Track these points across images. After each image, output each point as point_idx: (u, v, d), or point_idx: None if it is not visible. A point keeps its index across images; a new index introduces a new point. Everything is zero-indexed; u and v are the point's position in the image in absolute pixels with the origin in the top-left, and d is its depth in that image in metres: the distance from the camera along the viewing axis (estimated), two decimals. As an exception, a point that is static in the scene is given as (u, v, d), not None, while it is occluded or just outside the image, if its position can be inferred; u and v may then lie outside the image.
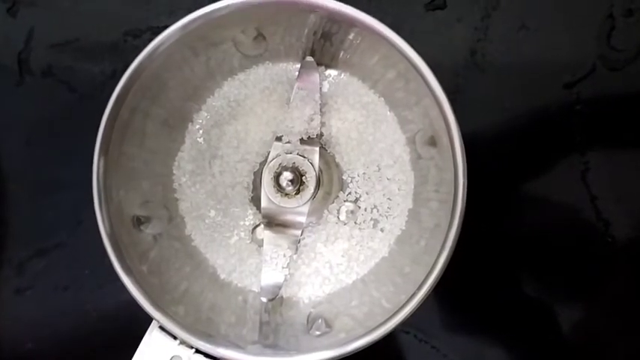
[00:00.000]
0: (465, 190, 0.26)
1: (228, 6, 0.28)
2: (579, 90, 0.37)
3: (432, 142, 0.30)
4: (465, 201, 0.26)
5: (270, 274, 0.32)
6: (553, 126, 0.37)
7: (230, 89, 0.34)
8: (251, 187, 0.34)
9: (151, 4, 0.39)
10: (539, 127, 0.37)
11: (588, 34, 0.37)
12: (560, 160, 0.38)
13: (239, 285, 0.34)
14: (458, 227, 0.26)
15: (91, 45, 0.39)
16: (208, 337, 0.28)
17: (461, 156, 0.26)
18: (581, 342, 0.37)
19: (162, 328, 0.28)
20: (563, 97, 0.37)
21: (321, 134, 0.33)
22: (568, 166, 0.37)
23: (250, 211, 0.34)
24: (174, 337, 0.28)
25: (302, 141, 0.32)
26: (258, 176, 0.33)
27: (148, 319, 0.28)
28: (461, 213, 0.26)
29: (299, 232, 0.33)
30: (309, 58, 0.32)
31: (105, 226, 0.27)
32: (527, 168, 0.37)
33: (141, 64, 0.28)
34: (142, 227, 0.31)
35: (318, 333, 0.31)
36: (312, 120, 0.32)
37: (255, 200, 0.34)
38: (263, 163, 0.33)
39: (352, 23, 0.28)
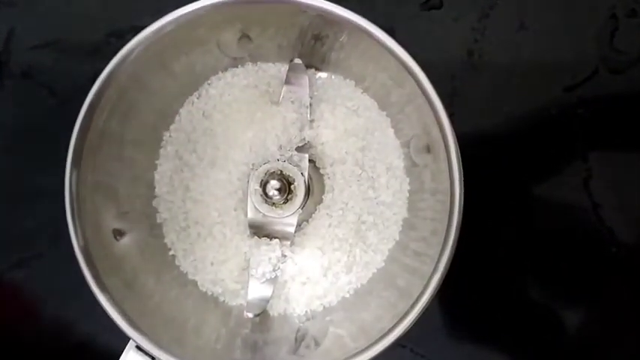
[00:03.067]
0: (462, 200, 0.25)
1: (210, 5, 0.26)
2: (581, 93, 0.36)
3: (427, 149, 0.29)
4: (461, 212, 0.25)
5: (257, 288, 0.31)
6: (553, 131, 0.36)
7: (215, 93, 0.32)
8: (237, 195, 0.32)
9: (135, 4, 0.38)
10: (539, 131, 0.36)
11: (590, 35, 0.36)
12: (562, 167, 0.36)
13: (223, 299, 0.32)
14: (454, 242, 0.25)
15: (73, 46, 0.38)
16: (189, 357, 0.27)
17: (457, 164, 0.25)
18: (585, 348, 0.36)
19: (139, 347, 0.26)
20: (564, 100, 0.36)
21: (311, 140, 0.32)
22: (569, 173, 0.36)
23: (236, 221, 0.32)
24: (153, 358, 0.26)
25: (290, 147, 0.31)
26: (244, 184, 0.32)
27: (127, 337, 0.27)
28: (457, 226, 0.25)
29: (287, 243, 0.31)
30: (298, 61, 0.31)
31: (78, 240, 0.26)
32: (527, 174, 0.36)
33: (117, 66, 0.26)
34: (119, 239, 0.29)
35: (307, 351, 0.29)
36: (301, 125, 0.31)
37: (242, 210, 0.32)
38: (250, 171, 0.31)
39: (342, 24, 0.26)
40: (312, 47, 0.31)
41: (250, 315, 0.31)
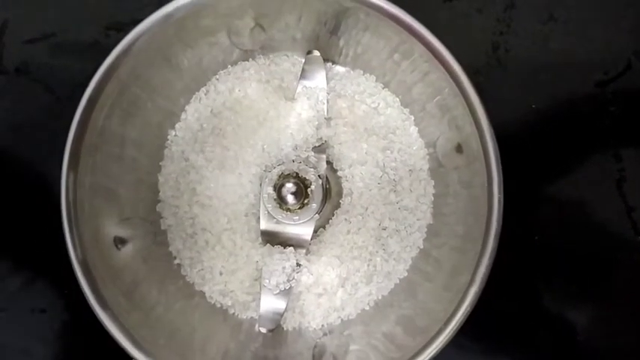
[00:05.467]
0: (502, 206, 0.22)
1: (220, -9, 0.24)
2: (613, 89, 0.34)
3: (458, 148, 0.26)
4: (501, 220, 0.22)
5: (270, 300, 0.28)
6: (584, 129, 0.34)
7: (224, 88, 0.30)
8: (248, 200, 0.30)
9: (136, -5, 0.36)
10: (568, 130, 0.34)
11: (622, 27, 0.34)
12: (593, 167, 0.34)
13: (233, 312, 0.30)
14: (492, 253, 0.22)
15: (70, 40, 0.36)
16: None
17: (496, 166, 0.22)
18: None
19: (143, 368, 0.24)
20: (596, 96, 0.34)
21: (328, 140, 0.30)
22: (601, 174, 0.34)
23: (246, 228, 0.30)
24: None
25: (306, 148, 0.29)
26: (256, 188, 0.30)
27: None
28: (496, 235, 0.22)
29: (303, 251, 0.29)
30: (316, 53, 0.29)
31: (76, 250, 0.23)
32: (556, 175, 0.34)
33: (118, 58, 0.24)
34: (120, 247, 0.27)
35: (326, 370, 0.27)
36: (318, 123, 0.29)
37: (254, 215, 0.30)
38: (262, 173, 0.30)
39: (364, 9, 0.24)
40: (329, 40, 0.29)
41: (264, 330, 0.28)
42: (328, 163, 0.30)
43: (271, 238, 0.29)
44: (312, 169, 0.28)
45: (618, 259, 0.34)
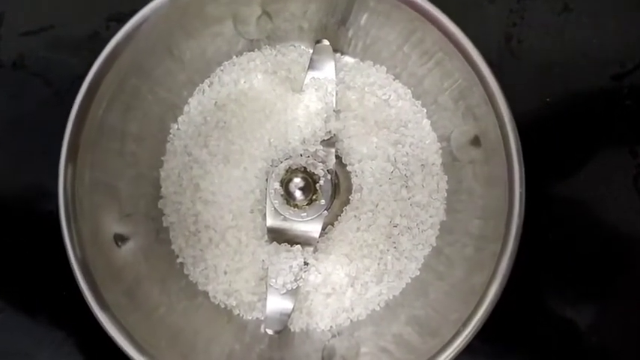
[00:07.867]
0: (524, 202, 0.21)
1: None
2: (629, 82, 0.33)
3: (475, 141, 0.25)
4: (522, 216, 0.21)
5: (276, 301, 0.28)
6: (599, 123, 0.33)
7: (228, 80, 0.29)
8: (254, 195, 0.29)
9: (137, -16, 0.35)
10: (583, 123, 0.33)
11: (638, 19, 0.33)
12: (608, 163, 0.33)
13: (238, 313, 0.29)
14: (513, 251, 0.21)
15: (68, 33, 0.35)
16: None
17: (517, 157, 0.21)
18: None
19: (145, 373, 0.23)
20: (611, 90, 0.33)
21: (337, 133, 0.29)
22: (617, 169, 0.33)
23: (252, 225, 0.29)
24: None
25: (315, 141, 0.28)
26: (262, 183, 0.29)
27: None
28: (517, 232, 0.21)
29: (311, 249, 0.28)
30: (325, 42, 0.28)
31: (75, 249, 0.22)
32: (570, 171, 0.33)
33: (117, 48, 0.23)
34: (121, 245, 0.26)
35: (335, 373, 0.26)
36: (326, 116, 0.28)
37: (259, 212, 0.29)
38: (269, 168, 0.29)
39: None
40: (337, 30, 0.28)
41: (270, 332, 0.27)
42: (337, 157, 0.29)
43: (278, 236, 0.28)
44: (320, 164, 0.27)
45: (632, 258, 0.33)
